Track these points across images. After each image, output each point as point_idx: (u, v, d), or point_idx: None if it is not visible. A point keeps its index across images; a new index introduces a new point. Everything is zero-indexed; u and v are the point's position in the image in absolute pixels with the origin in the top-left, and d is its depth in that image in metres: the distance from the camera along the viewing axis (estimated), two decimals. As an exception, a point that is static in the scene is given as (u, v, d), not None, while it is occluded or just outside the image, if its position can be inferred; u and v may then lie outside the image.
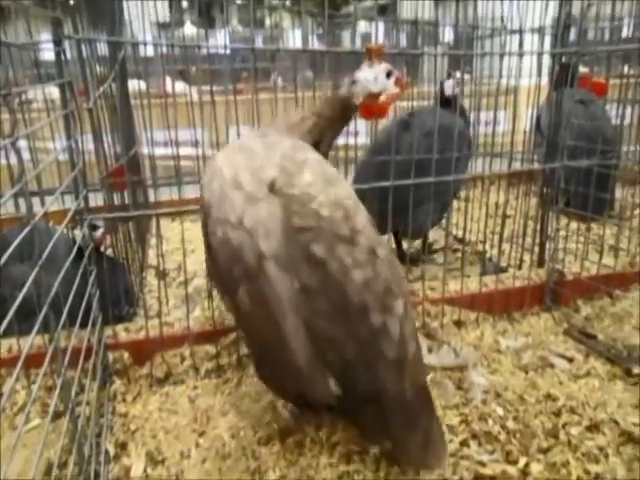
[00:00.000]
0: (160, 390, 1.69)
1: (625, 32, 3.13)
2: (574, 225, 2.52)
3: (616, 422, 1.44)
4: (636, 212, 2.90)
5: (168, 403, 1.63)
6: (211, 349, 1.79)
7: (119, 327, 1.80)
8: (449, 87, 2.51)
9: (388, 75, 1.42)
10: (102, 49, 2.10)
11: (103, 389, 1.62)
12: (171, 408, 1.60)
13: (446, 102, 2.41)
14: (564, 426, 1.44)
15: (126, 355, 1.74)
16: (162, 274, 2.30)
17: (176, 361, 1.77)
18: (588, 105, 3.11)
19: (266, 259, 1.09)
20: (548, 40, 2.64)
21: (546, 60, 2.16)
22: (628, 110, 2.41)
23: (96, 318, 1.54)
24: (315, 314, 1.08)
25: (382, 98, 1.41)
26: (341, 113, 1.44)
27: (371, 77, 1.40)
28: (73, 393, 1.18)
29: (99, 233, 1.85)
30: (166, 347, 1.76)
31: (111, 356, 1.72)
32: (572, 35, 2.20)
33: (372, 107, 1.41)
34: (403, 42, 4.16)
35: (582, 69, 3.12)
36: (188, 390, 1.69)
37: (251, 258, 1.10)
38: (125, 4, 2.44)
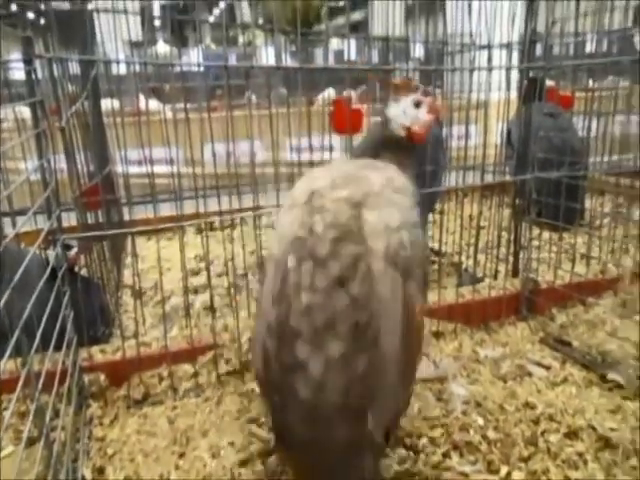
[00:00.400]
0: (138, 412, 1.66)
1: (589, 47, 3.23)
2: (546, 235, 2.56)
3: (594, 428, 1.47)
4: (605, 221, 2.97)
5: (146, 425, 1.60)
6: (189, 368, 1.77)
7: (95, 349, 1.76)
8: None
9: (417, 105, 1.46)
10: (74, 68, 2.09)
11: (79, 413, 1.58)
12: (150, 430, 1.57)
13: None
14: (543, 434, 1.46)
15: (102, 377, 1.70)
16: (138, 293, 2.27)
17: (154, 381, 1.74)
18: (556, 117, 3.20)
19: (269, 261, 1.14)
20: (516, 55, 2.72)
21: (514, 75, 2.21)
22: (594, 122, 2.48)
23: (71, 340, 1.51)
24: (265, 326, 1.06)
25: (415, 128, 1.44)
26: (397, 145, 1.46)
27: (399, 111, 1.45)
28: (47, 418, 1.15)
29: (73, 253, 1.82)
30: (143, 368, 1.73)
31: (87, 378, 1.69)
32: (538, 50, 2.27)
33: (413, 135, 1.45)
34: (375, 58, 4.23)
35: (549, 83, 3.21)
36: (167, 411, 1.66)
37: (266, 257, 1.18)
38: (97, 23, 2.44)
